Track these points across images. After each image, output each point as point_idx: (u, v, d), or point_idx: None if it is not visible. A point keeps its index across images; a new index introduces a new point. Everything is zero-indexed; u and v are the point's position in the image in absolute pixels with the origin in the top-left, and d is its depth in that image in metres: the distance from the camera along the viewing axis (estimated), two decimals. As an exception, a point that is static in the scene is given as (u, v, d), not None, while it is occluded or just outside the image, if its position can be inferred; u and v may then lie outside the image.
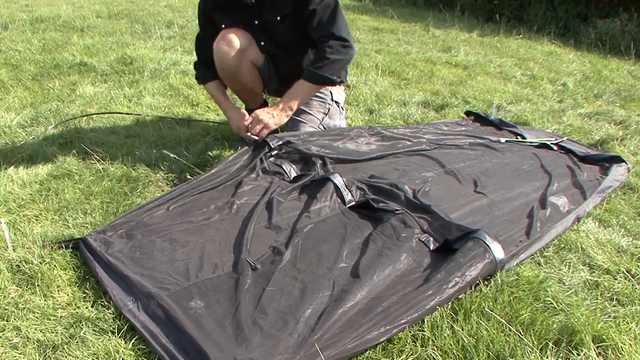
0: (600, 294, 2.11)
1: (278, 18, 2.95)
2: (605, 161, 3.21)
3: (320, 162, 2.77)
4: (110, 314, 1.82)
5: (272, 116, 2.88)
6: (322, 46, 2.88)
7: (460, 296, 1.96)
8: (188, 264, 2.05)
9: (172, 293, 1.88)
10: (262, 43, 3.07)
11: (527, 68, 5.94)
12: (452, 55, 6.20)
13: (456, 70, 5.62)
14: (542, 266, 2.26)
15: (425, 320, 1.84)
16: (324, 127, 3.21)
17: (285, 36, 3.04)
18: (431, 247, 2.21)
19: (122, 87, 4.19)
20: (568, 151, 3.38)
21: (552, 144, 3.46)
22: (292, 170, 2.73)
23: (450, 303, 1.93)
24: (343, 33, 2.89)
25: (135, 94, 4.05)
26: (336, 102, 3.29)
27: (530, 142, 3.47)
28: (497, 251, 2.08)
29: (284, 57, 3.13)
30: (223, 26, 3.02)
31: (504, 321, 1.86)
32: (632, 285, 2.17)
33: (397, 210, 2.41)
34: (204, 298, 1.88)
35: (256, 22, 3.02)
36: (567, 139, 3.60)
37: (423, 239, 2.25)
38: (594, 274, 2.23)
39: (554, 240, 2.42)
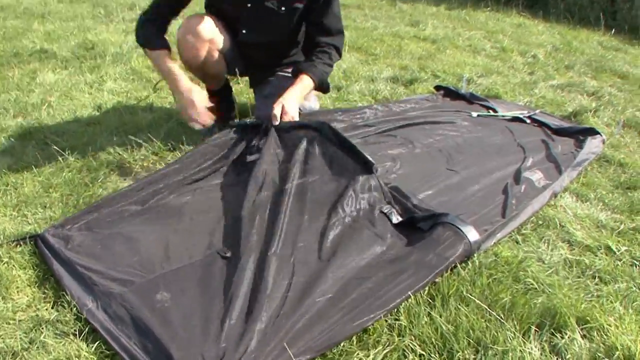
0: (582, 272, 2.07)
1: (283, 8, 2.81)
2: (580, 133, 3.16)
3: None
4: (71, 315, 1.73)
5: (296, 109, 2.76)
6: (328, 52, 2.94)
7: (437, 280, 1.90)
8: (153, 255, 1.95)
9: (136, 287, 1.79)
10: (244, 31, 2.90)
11: (496, 40, 5.88)
12: (420, 30, 6.11)
13: (424, 44, 5.55)
14: (520, 245, 2.21)
15: (401, 308, 1.78)
16: (300, 109, 3.11)
17: (280, 29, 2.92)
18: (394, 220, 2.15)
19: (83, 73, 4.06)
20: (541, 124, 3.33)
21: (525, 117, 3.41)
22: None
23: (427, 288, 1.87)
24: (341, 46, 3.03)
25: (96, 80, 3.94)
26: None
27: (503, 116, 3.41)
28: (471, 234, 2.01)
29: (263, 47, 2.99)
30: None
31: (484, 305, 1.80)
32: (614, 261, 2.13)
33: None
34: (171, 289, 1.79)
35: (249, 5, 2.82)
36: (539, 112, 3.55)
37: (385, 211, 2.18)
38: (574, 252, 2.19)
39: (531, 217, 2.37)
